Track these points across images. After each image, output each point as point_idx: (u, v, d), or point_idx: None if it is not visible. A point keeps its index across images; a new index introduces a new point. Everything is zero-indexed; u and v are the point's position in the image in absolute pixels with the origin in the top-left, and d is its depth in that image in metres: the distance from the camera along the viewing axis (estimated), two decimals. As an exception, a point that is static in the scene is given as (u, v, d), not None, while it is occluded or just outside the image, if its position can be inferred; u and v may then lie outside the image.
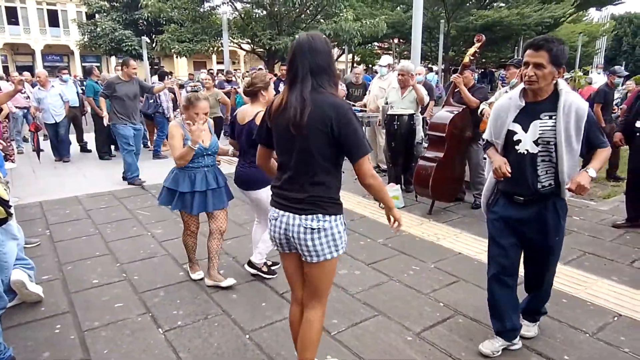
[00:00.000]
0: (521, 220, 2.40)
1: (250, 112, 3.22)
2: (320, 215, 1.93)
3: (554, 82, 2.23)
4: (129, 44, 24.72)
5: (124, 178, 6.41)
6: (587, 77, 11.38)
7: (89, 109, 8.56)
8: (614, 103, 11.51)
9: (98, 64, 31.33)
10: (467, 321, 2.91)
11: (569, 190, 2.22)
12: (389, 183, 5.55)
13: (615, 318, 2.92)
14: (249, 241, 4.23)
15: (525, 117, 2.30)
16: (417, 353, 2.60)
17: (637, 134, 4.40)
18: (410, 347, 2.65)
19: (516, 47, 28.38)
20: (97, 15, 27.26)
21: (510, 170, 2.29)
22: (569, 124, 2.20)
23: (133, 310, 3.05)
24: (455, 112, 4.86)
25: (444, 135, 4.81)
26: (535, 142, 2.27)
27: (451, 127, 4.79)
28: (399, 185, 5.46)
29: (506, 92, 4.42)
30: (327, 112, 1.82)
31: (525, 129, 2.29)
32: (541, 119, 2.25)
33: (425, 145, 5.33)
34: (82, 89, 10.36)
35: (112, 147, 8.59)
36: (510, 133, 2.35)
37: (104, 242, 4.25)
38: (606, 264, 3.73)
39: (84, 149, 8.86)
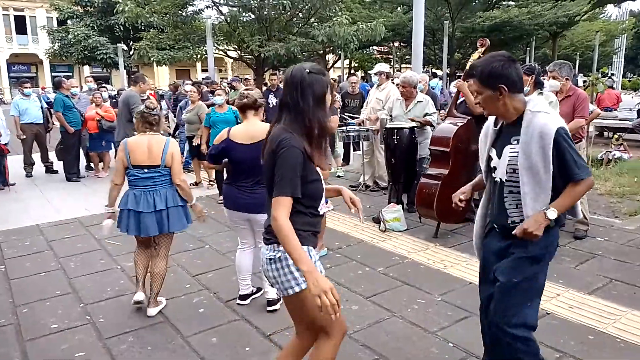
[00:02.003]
0: (499, 251, 2.28)
1: (262, 128, 3.14)
2: (275, 245, 2.01)
3: (519, 101, 2.10)
4: (104, 52, 24.82)
5: None
6: (607, 79, 11.43)
7: (57, 124, 8.49)
8: (637, 109, 11.54)
9: (70, 74, 31.45)
10: (480, 364, 2.79)
11: (515, 234, 2.08)
12: (389, 203, 5.47)
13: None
14: (232, 273, 4.13)
15: (500, 141, 2.22)
16: (424, 405, 2.48)
17: None
18: (415, 398, 2.53)
19: (528, 48, 28.71)
20: (69, 22, 27.44)
21: (462, 200, 2.46)
22: (530, 149, 2.04)
23: (96, 360, 2.92)
24: (460, 124, 4.81)
25: (448, 150, 4.75)
26: (506, 170, 2.17)
27: (455, 141, 4.74)
28: (400, 206, 5.37)
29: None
30: (274, 143, 1.97)
31: (499, 155, 2.20)
32: (511, 144, 2.14)
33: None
34: (47, 104, 10.31)
35: (84, 166, 8.55)
36: (489, 159, 2.29)
37: (66, 279, 4.13)
38: (636, 292, 3.63)
39: (49, 169, 8.76)
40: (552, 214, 2.02)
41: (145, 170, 3.37)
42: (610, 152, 8.71)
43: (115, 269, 4.32)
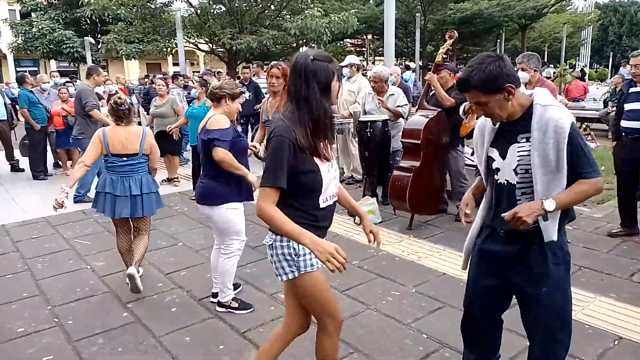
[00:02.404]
0: (503, 258, 2.09)
1: (206, 118, 3.25)
2: (270, 232, 2.09)
3: (522, 96, 1.97)
4: (71, 45, 24.07)
5: (77, 196, 6.29)
6: (574, 71, 11.69)
7: (22, 120, 8.21)
8: (603, 99, 11.87)
9: (35, 69, 30.47)
10: (455, 354, 2.82)
11: (504, 219, 1.94)
12: (363, 196, 5.48)
13: (616, 342, 2.89)
14: (206, 271, 4.08)
15: (502, 140, 2.04)
16: (398, 397, 2.50)
17: (623, 134, 4.46)
18: (390, 390, 2.55)
19: (498, 40, 29.16)
20: (32, 14, 26.49)
21: (467, 214, 2.18)
22: (546, 146, 1.88)
23: (65, 364, 2.85)
24: (430, 116, 4.84)
25: (419, 142, 4.78)
26: (515, 171, 1.99)
27: (426, 133, 4.77)
28: (374, 199, 5.39)
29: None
30: (268, 134, 2.00)
31: (503, 155, 2.02)
32: (519, 142, 1.97)
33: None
34: (11, 100, 9.95)
35: (52, 164, 8.31)
36: (489, 160, 2.10)
37: (33, 280, 4.01)
38: (603, 279, 3.74)
39: (15, 167, 8.48)
40: (550, 205, 1.86)
41: (124, 159, 3.63)
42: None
43: (85, 269, 4.21)
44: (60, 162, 8.44)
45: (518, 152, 1.96)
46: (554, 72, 12.49)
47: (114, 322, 3.31)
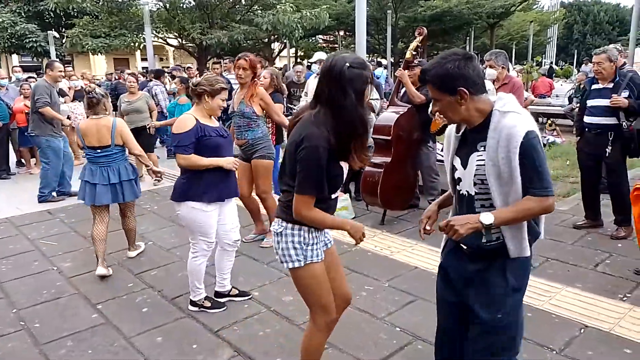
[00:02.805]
0: (465, 277, 1.97)
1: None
2: (280, 220, 2.14)
3: (483, 102, 1.81)
4: (33, 39, 23.25)
5: (41, 196, 6.14)
6: (541, 68, 12.02)
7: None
8: (567, 96, 12.23)
9: (-4, 64, 29.35)
10: (427, 347, 2.86)
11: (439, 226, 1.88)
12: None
13: (582, 330, 3.00)
14: (178, 270, 4.04)
15: (465, 149, 1.91)
16: (373, 391, 2.53)
17: (586, 129, 4.59)
18: (364, 384, 2.57)
19: (467, 38, 29.67)
20: (-8, 7, 25.50)
21: (427, 231, 2.03)
22: (496, 155, 1.75)
23: (32, 368, 2.77)
24: (401, 112, 4.89)
25: (389, 138, 4.82)
26: (474, 181, 1.86)
27: (397, 129, 4.81)
28: (347, 195, 5.42)
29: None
30: (299, 134, 2.00)
31: (464, 165, 1.90)
32: (478, 151, 1.83)
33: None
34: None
35: (15, 162, 8.05)
36: (453, 169, 1.97)
37: (-3, 283, 3.88)
38: (569, 269, 3.86)
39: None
40: (487, 218, 1.74)
41: (98, 151, 3.90)
42: (544, 137, 9.17)
43: (51, 271, 4.10)
44: (23, 161, 8.18)
45: (477, 161, 1.83)
46: (522, 70, 12.81)
47: (83, 323, 3.23)
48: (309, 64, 19.19)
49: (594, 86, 4.50)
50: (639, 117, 4.30)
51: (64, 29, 20.80)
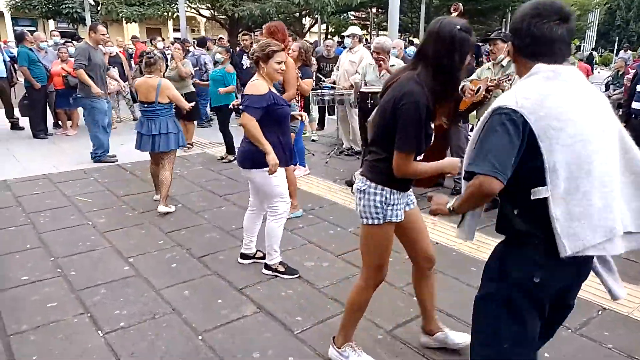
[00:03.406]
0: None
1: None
2: (364, 178, 2.24)
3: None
4: (70, 6, 23.66)
5: (95, 156, 6.42)
6: (580, 52, 11.64)
7: (22, 79, 8.17)
8: (604, 83, 11.89)
9: (33, 28, 29.95)
10: (443, 317, 2.94)
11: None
12: (361, 167, 5.55)
13: (600, 312, 3.02)
14: (205, 231, 4.18)
15: None
16: (388, 353, 2.62)
17: (633, 115, 4.47)
18: (380, 346, 2.67)
19: (504, 20, 28.81)
20: (30, -28, 25.91)
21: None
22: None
23: (69, 311, 2.95)
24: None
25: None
26: None
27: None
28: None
29: (489, 68, 4.47)
30: (399, 91, 2.04)
31: None
32: None
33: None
34: (10, 58, 9.86)
35: (52, 124, 8.33)
36: None
37: (36, 233, 4.09)
38: (591, 253, 3.85)
39: (15, 126, 8.48)
40: (451, 202, 1.75)
41: (145, 106, 4.55)
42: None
43: (86, 225, 4.30)
44: (60, 122, 8.44)
45: None
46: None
47: (116, 275, 3.41)
48: (341, 38, 18.93)
49: None
50: None
51: (99, -4, 21.02)
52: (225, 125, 6.49)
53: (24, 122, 8.27)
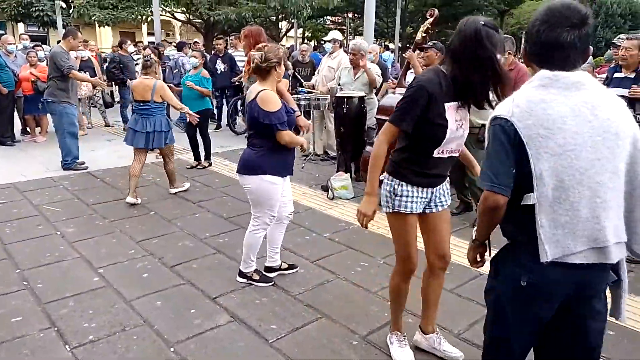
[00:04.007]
0: None
1: (254, 90, 3.16)
2: (385, 173, 2.39)
3: None
4: (40, 8, 23.13)
5: (65, 164, 6.22)
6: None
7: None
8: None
9: (2, 32, 29.19)
10: (417, 320, 2.94)
11: None
12: (337, 171, 5.56)
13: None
14: (178, 239, 4.12)
15: None
16: (363, 359, 2.61)
17: None
18: (355, 352, 2.66)
19: (477, 25, 29.31)
20: (-1, -26, 25.26)
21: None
22: None
23: (35, 325, 2.86)
24: (406, 94, 4.90)
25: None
26: None
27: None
28: (348, 174, 5.47)
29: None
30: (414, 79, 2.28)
31: None
32: None
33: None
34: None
35: (20, 130, 8.11)
36: None
37: (1, 245, 3.96)
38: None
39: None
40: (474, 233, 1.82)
41: (141, 104, 4.91)
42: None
43: (55, 235, 4.18)
44: (28, 129, 8.23)
45: None
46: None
47: (84, 286, 3.32)
48: (318, 42, 18.87)
49: (616, 74, 4.40)
50: None
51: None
52: (205, 129, 6.40)
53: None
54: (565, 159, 1.51)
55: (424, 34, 5.03)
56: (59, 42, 6.63)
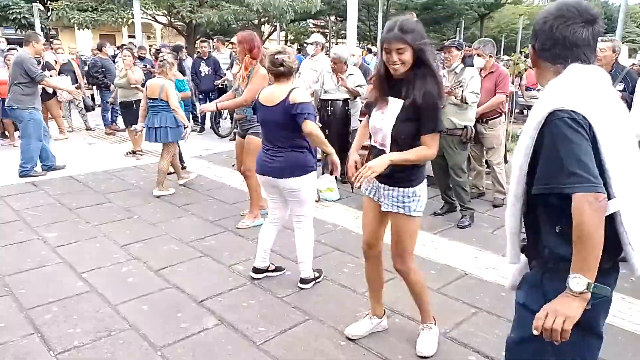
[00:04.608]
0: None
1: (280, 91, 3.16)
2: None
3: None
4: (17, 11, 22.68)
5: (23, 171, 5.97)
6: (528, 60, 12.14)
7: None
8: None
9: (-23, 35, 28.59)
10: (404, 320, 2.99)
11: None
12: (322, 174, 5.58)
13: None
14: (163, 243, 4.10)
15: None
16: (351, 359, 2.63)
17: None
18: (343, 353, 2.68)
19: (458, 28, 29.72)
20: (-26, -24, 24.75)
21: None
22: None
23: (17, 331, 2.81)
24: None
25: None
26: None
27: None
28: (333, 177, 5.49)
29: (443, 76, 4.58)
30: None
31: None
32: None
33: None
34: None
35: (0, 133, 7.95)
36: None
37: (-19, 251, 3.89)
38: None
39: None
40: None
41: (151, 101, 5.28)
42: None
43: (36, 240, 4.11)
44: (7, 133, 8.07)
45: None
46: (508, 61, 12.90)
47: (68, 291, 3.28)
48: (300, 45, 18.85)
49: None
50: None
51: (49, 2, 20.29)
52: None
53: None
54: (631, 154, 1.41)
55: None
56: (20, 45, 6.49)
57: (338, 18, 28.96)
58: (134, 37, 16.37)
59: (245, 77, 4.16)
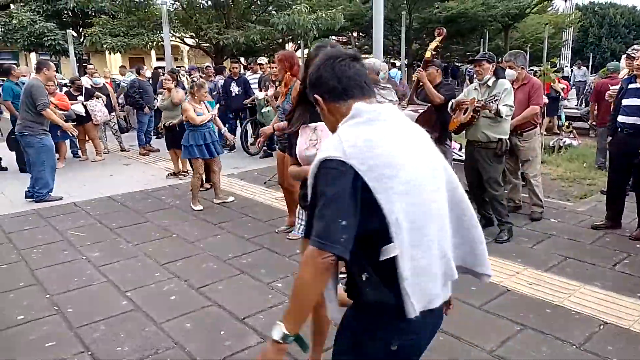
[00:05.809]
0: None
1: None
2: None
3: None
4: (52, 38, 23.64)
5: (39, 196, 5.96)
6: (557, 68, 11.99)
7: (7, 114, 8.09)
8: (583, 98, 12.18)
9: (15, 62, 29.83)
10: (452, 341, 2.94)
11: None
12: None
13: (601, 327, 3.04)
14: (202, 261, 4.15)
15: None
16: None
17: (619, 129, 4.55)
18: None
19: (482, 40, 29.52)
20: (12, 6, 25.94)
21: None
22: None
23: (68, 350, 2.88)
24: (420, 111, 4.95)
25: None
26: None
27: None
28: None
29: (475, 89, 4.57)
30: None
31: None
32: None
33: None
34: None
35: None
36: None
37: (29, 271, 4.01)
38: (588, 269, 3.90)
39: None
40: None
41: (184, 122, 5.70)
42: (562, 139, 9.16)
43: (80, 260, 4.23)
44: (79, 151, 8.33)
45: None
46: (536, 72, 12.75)
47: (114, 310, 3.35)
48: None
49: (631, 85, 4.42)
50: None
51: (81, 28, 21.08)
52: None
53: (9, 159, 7.99)
54: (412, 197, 1.38)
55: (433, 52, 5.12)
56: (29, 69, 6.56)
57: (360, 33, 29.16)
58: (162, 59, 16.81)
59: (284, 94, 4.25)
